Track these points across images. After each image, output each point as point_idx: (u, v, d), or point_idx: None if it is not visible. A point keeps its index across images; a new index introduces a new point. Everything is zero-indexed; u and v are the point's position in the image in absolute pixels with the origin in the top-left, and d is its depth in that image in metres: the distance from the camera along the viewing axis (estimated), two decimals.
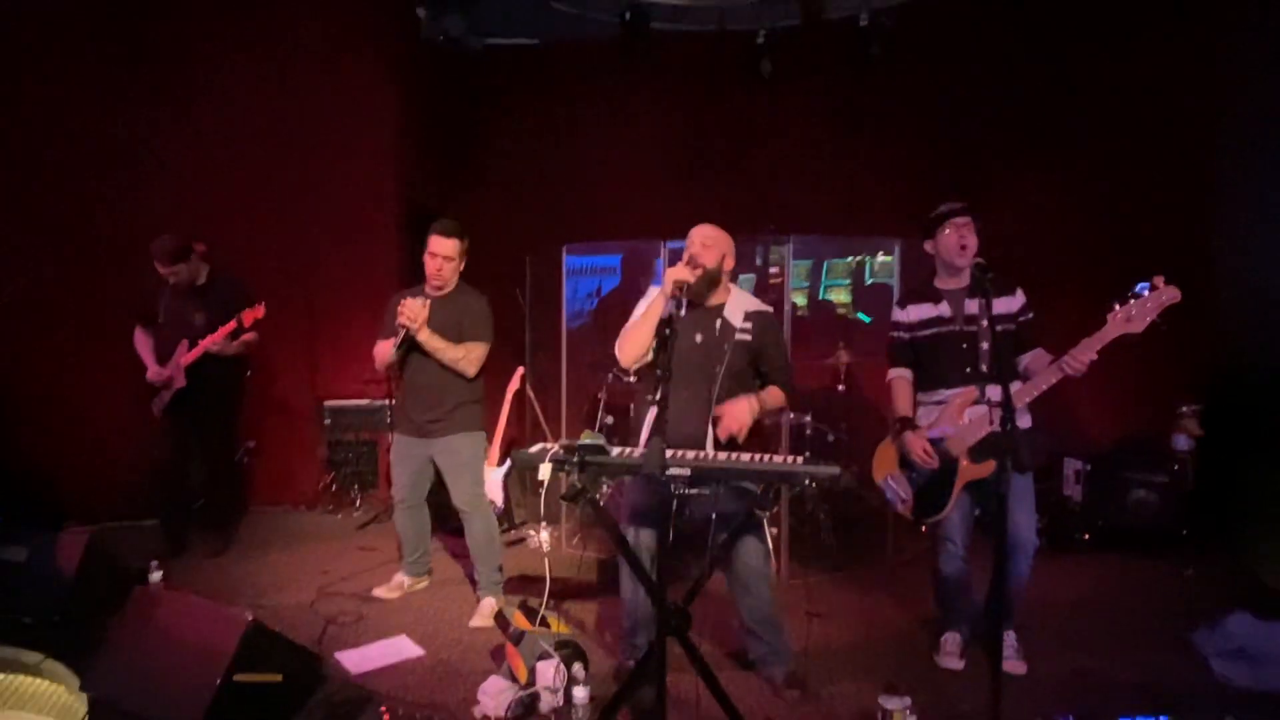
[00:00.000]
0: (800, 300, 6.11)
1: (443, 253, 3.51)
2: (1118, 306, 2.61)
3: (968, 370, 2.96)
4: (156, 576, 3.46)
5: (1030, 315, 3.00)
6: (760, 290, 5.86)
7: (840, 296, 6.19)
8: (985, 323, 2.91)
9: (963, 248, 2.95)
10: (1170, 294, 2.56)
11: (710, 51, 5.84)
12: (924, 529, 3.13)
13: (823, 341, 5.19)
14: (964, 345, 2.97)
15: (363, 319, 5.44)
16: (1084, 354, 2.68)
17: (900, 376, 3.14)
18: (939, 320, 3.05)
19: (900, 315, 3.14)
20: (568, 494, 2.40)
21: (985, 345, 2.93)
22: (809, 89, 5.76)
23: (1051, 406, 3.02)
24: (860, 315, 6.10)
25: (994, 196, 4.97)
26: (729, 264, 2.87)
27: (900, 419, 3.08)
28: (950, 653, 3.18)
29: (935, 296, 3.08)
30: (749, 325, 2.83)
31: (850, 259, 6.13)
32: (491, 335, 3.61)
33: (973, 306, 2.99)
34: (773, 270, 6.10)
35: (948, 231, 2.98)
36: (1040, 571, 4.12)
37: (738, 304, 2.87)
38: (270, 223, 5.36)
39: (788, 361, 2.88)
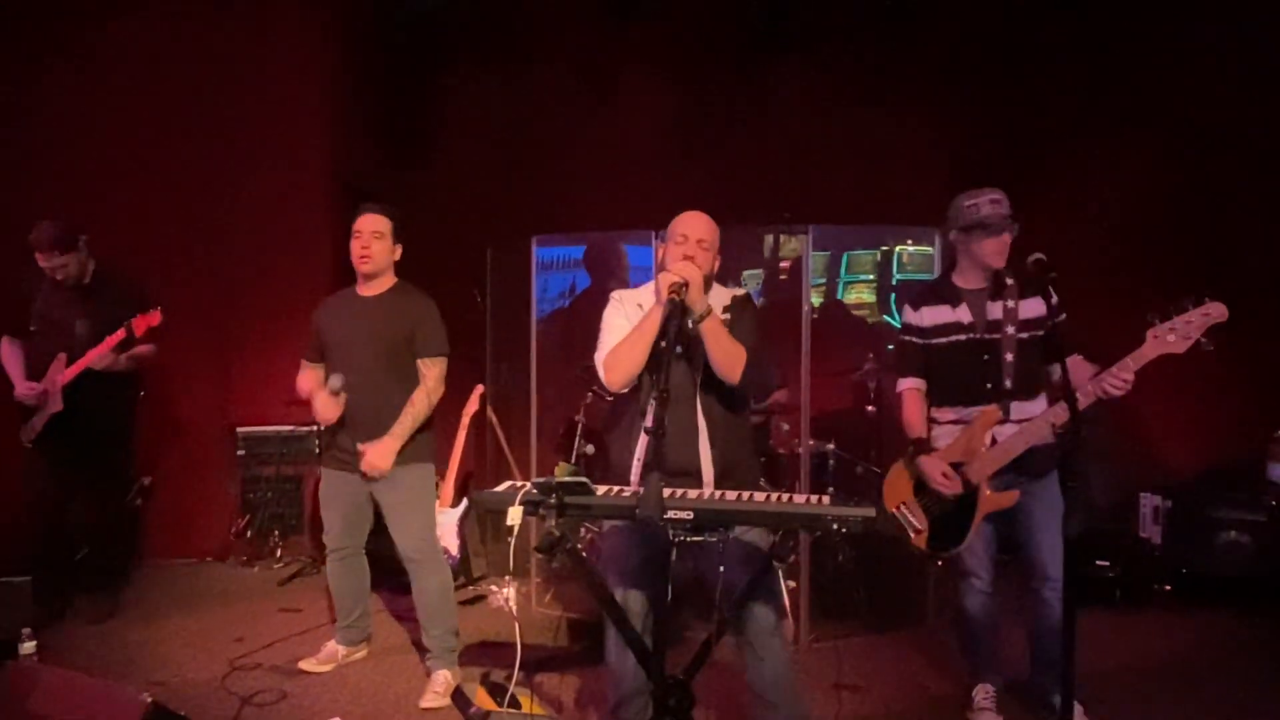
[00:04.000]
0: (816, 300, 6.13)
1: (370, 227, 3.54)
2: (1158, 322, 2.76)
3: (988, 386, 3.07)
4: (29, 647, 3.42)
5: (1063, 316, 3.07)
6: (769, 288, 5.88)
7: (864, 295, 6.22)
8: (1011, 329, 3.04)
9: (1001, 255, 3.07)
10: (1216, 311, 2.69)
11: (712, 9, 5.88)
12: (939, 563, 3.26)
13: (846, 351, 5.21)
14: (985, 356, 3.08)
15: (285, 328, 5.41)
16: (1125, 373, 2.79)
17: (912, 388, 3.25)
18: (957, 326, 3.15)
19: (912, 317, 3.24)
20: (543, 544, 2.38)
21: (1010, 356, 3.05)
22: (828, 54, 5.81)
23: (1125, 432, 3.09)
24: (889, 318, 6.13)
25: (1042, 178, 5.02)
26: (717, 264, 2.89)
27: (914, 440, 3.20)
28: (985, 707, 3.27)
29: (954, 297, 3.17)
30: (727, 317, 2.83)
31: (875, 251, 6.17)
32: (447, 345, 3.61)
33: (996, 310, 3.10)
34: (783, 264, 6.14)
35: (987, 239, 3.06)
36: (1114, 630, 4.20)
37: (717, 300, 2.86)
38: (171, 211, 5.33)
39: (757, 336, 2.83)
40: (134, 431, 4.61)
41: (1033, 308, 3.04)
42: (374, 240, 3.55)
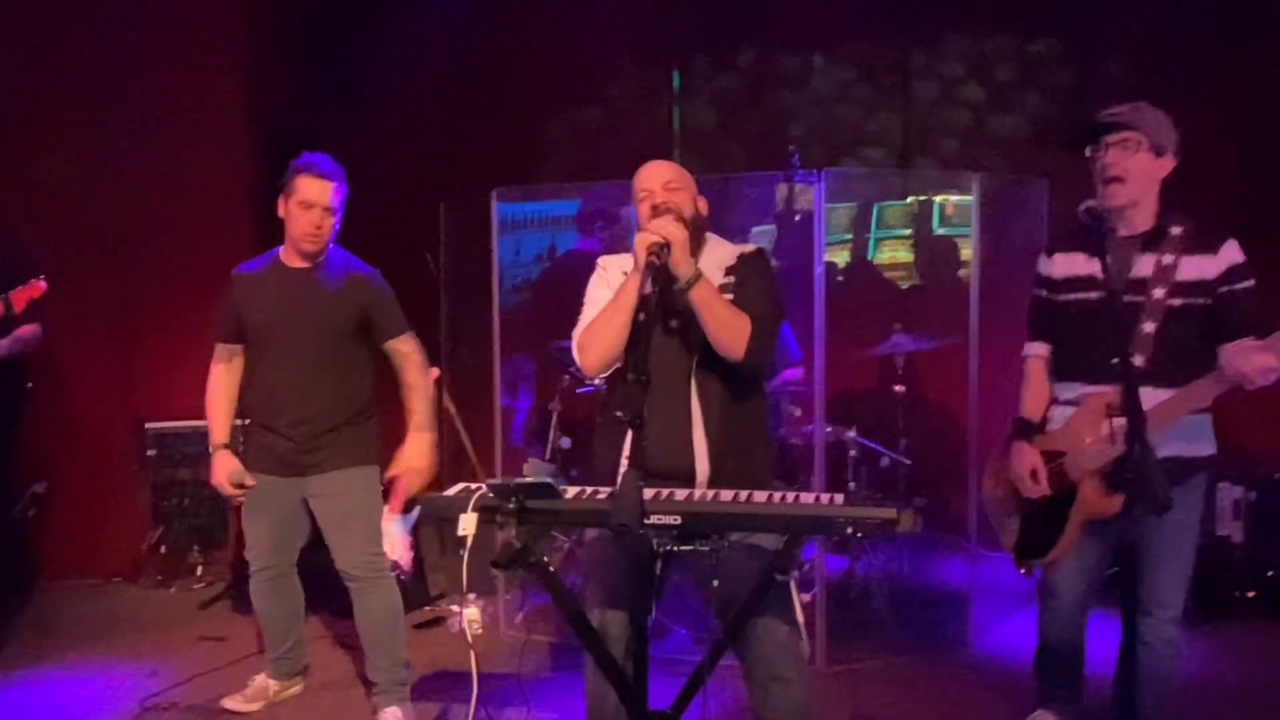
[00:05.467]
0: (841, 258, 6.14)
1: (323, 201, 3.52)
2: None
3: (1114, 361, 2.78)
4: None
5: (1249, 283, 2.85)
6: (785, 248, 5.86)
7: (898, 253, 6.24)
8: (1160, 292, 2.81)
9: (1110, 180, 2.82)
10: None
11: None
12: (1023, 572, 3.17)
13: (871, 322, 5.20)
14: (1117, 323, 2.83)
15: (200, 305, 5.30)
16: (1258, 359, 2.60)
17: (1034, 355, 3.17)
18: (1089, 281, 2.94)
19: (1044, 265, 3.11)
20: (501, 558, 2.36)
21: (1150, 326, 2.82)
22: None
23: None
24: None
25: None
26: (703, 206, 2.88)
27: (1017, 420, 3.11)
28: None
29: (1095, 244, 2.90)
30: (730, 280, 2.81)
31: (910, 200, 6.16)
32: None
33: (1145, 265, 2.86)
34: (799, 218, 6.12)
35: (1095, 155, 2.87)
36: (1187, 644, 4.18)
37: (715, 259, 2.85)
38: (59, 166, 5.27)
39: (769, 297, 2.81)
40: (21, 429, 4.60)
41: (1197, 267, 2.80)
42: (326, 217, 3.53)
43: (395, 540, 4.81)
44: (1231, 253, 2.84)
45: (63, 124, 5.30)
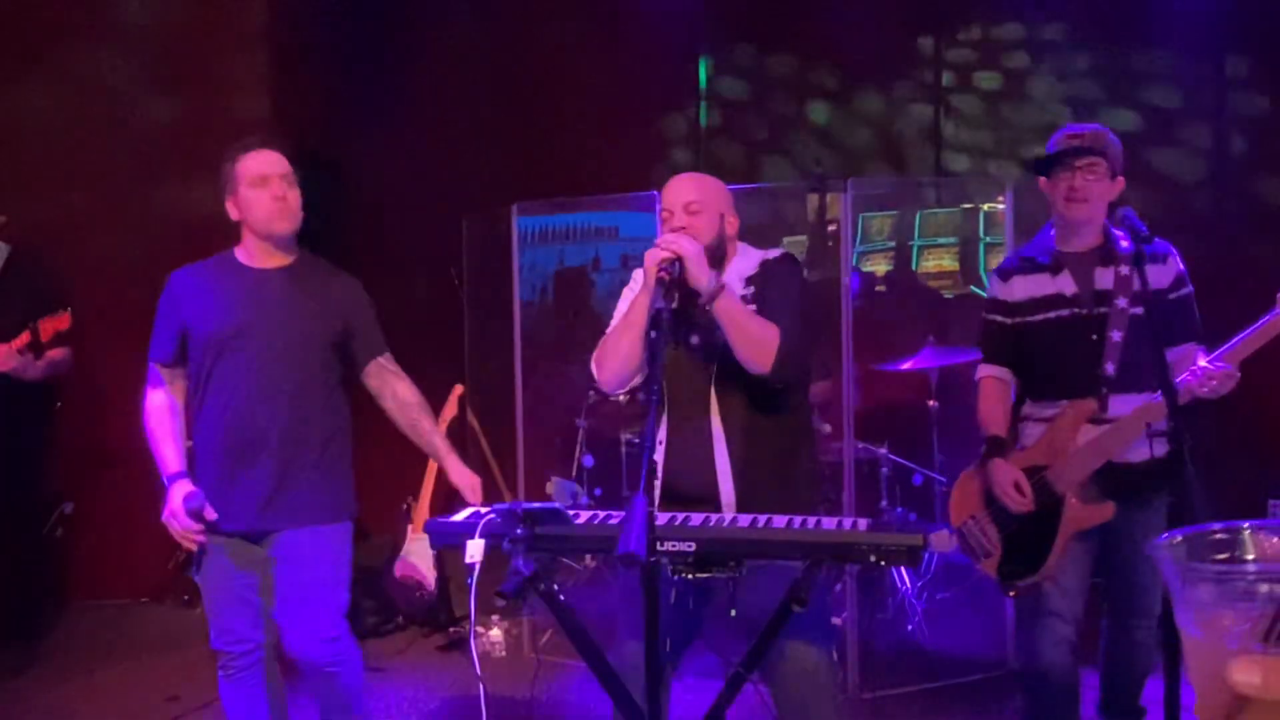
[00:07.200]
0: (880, 268, 6.05)
1: (278, 169, 2.99)
2: None
3: (1095, 372, 2.94)
4: None
5: (1187, 290, 3.00)
6: (818, 260, 5.77)
7: (944, 261, 6.13)
8: (1123, 302, 2.91)
9: (1071, 199, 2.94)
10: None
11: None
12: (1013, 594, 3.14)
13: (909, 334, 5.10)
14: (1093, 336, 2.96)
15: None
16: (1221, 366, 2.68)
17: (994, 376, 3.16)
18: (1058, 299, 3.01)
19: (1000, 290, 3.14)
20: (507, 587, 2.28)
21: (1118, 335, 2.91)
22: None
23: (1244, 421, 2.98)
24: (976, 290, 6.02)
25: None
26: (731, 225, 2.81)
27: (989, 438, 3.11)
28: None
29: (1054, 264, 3.04)
30: (751, 290, 2.75)
31: (956, 208, 6.08)
32: None
33: (1106, 278, 2.96)
34: (832, 229, 6.04)
35: (1059, 174, 2.97)
36: None
37: (738, 269, 2.80)
38: (89, 187, 5.33)
39: (794, 307, 2.69)
40: (51, 451, 4.65)
41: (1152, 277, 2.83)
42: (291, 190, 2.98)
43: (422, 558, 4.78)
44: (1177, 263, 3.00)
45: (91, 147, 5.35)
